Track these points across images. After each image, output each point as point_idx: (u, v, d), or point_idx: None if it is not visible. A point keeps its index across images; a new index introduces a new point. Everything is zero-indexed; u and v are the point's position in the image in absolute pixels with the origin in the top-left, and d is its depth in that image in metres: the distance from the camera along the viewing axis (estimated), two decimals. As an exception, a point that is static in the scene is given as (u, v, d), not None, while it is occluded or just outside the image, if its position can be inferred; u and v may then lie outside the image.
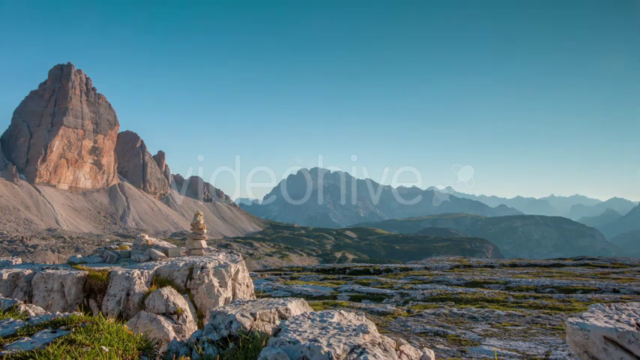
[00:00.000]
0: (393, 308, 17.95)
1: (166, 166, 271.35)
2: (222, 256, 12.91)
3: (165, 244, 14.24)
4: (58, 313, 5.71)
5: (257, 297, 16.40)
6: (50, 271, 10.97)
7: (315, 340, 3.97)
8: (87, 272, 10.92)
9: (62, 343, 4.42)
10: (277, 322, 4.80)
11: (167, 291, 10.25)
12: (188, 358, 4.78)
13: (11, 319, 5.55)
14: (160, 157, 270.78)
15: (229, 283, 11.64)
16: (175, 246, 13.88)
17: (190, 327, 9.91)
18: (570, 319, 3.72)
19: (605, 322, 3.58)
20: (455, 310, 17.04)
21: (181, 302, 10.30)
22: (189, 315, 10.15)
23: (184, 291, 10.96)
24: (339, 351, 3.79)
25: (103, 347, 4.41)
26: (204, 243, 13.68)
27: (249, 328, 5.18)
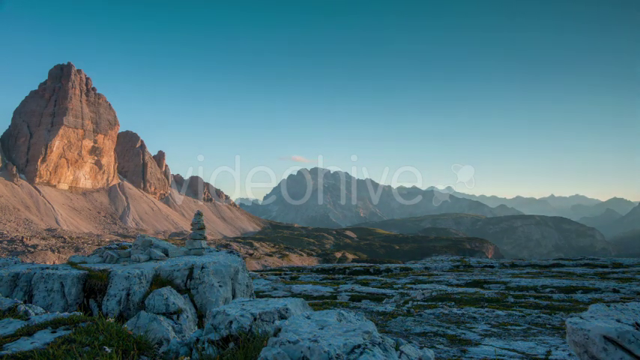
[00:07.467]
0: (393, 308, 17.95)
1: (166, 166, 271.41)
2: (222, 256, 12.91)
3: (165, 244, 14.24)
4: (58, 313, 5.71)
5: (257, 297, 16.39)
6: (50, 271, 10.97)
7: (315, 340, 3.97)
8: (87, 272, 10.92)
9: (62, 343, 4.42)
10: (277, 322, 4.80)
11: (167, 291, 10.25)
12: (188, 358, 4.78)
13: (11, 319, 5.55)
14: (160, 157, 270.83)
15: (229, 283, 11.64)
16: (175, 246, 13.89)
17: (190, 327, 9.90)
18: (570, 319, 3.72)
19: (605, 322, 3.58)
20: (455, 310, 17.05)
21: (181, 302, 10.30)
22: (189, 315, 10.15)
23: (184, 291, 10.97)
24: (338, 351, 3.78)
25: (105, 347, 4.41)
26: (204, 243, 13.69)
27: (249, 328, 5.18)
